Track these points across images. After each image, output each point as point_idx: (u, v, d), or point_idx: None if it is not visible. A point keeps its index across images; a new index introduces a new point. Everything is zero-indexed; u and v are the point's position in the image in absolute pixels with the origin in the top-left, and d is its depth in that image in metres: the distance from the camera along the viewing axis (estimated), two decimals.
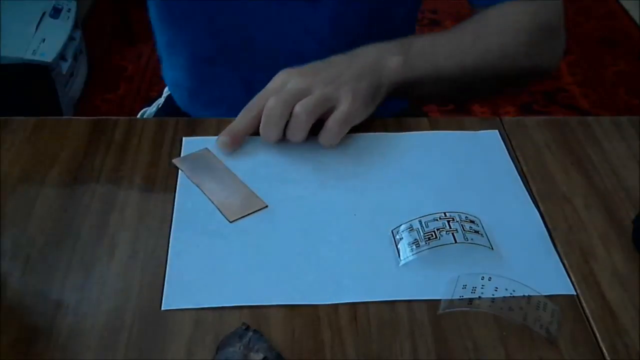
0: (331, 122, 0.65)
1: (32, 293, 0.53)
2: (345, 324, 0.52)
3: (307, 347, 0.50)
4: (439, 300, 0.54)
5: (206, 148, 0.67)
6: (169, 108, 0.94)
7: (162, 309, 0.52)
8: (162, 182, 0.64)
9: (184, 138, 0.69)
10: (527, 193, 0.64)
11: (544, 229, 0.61)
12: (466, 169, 0.67)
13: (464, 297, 0.53)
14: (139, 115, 0.97)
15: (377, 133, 0.71)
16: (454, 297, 0.53)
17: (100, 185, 0.63)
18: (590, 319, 0.53)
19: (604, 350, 0.51)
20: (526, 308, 0.52)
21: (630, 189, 0.65)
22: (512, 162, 0.68)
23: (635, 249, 0.59)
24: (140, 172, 0.65)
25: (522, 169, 0.67)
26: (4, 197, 0.62)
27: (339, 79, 0.66)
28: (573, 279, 0.56)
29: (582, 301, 0.55)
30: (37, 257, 0.56)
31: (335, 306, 0.53)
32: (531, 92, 2.16)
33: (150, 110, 0.96)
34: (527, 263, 0.57)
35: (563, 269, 0.57)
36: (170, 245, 0.57)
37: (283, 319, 0.52)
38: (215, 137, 0.68)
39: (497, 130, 0.72)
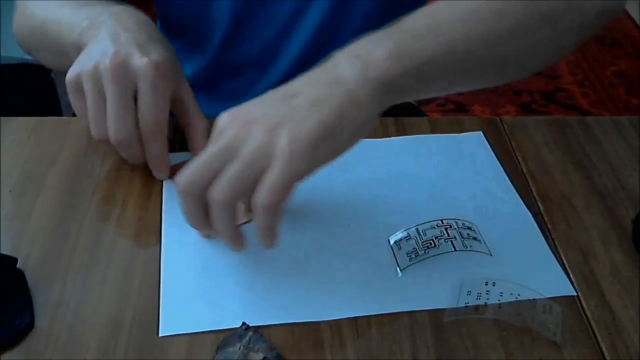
0: (255, 207, 0.48)
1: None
2: (345, 324, 0.52)
3: (307, 347, 0.50)
4: (442, 307, 0.54)
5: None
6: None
7: (160, 335, 0.50)
8: (162, 181, 0.64)
9: None
10: (517, 195, 0.64)
11: (538, 230, 0.61)
12: (455, 173, 0.67)
13: (470, 303, 0.53)
14: None
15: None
16: (459, 305, 0.53)
17: (100, 185, 0.63)
18: (590, 319, 0.53)
19: (604, 350, 0.51)
20: (532, 312, 0.52)
21: (630, 189, 0.65)
22: (499, 164, 0.68)
23: (635, 249, 0.59)
24: (140, 172, 0.65)
25: (522, 169, 0.67)
26: (4, 197, 0.61)
27: (286, 113, 0.49)
28: (573, 279, 0.56)
29: (582, 301, 0.55)
30: (37, 257, 0.56)
31: None
32: (531, 92, 2.16)
33: None
34: (526, 267, 0.57)
35: (562, 270, 0.57)
36: (162, 264, 0.56)
37: None
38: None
39: (480, 132, 0.72)
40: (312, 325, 0.52)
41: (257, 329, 0.50)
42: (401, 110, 0.91)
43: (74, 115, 0.63)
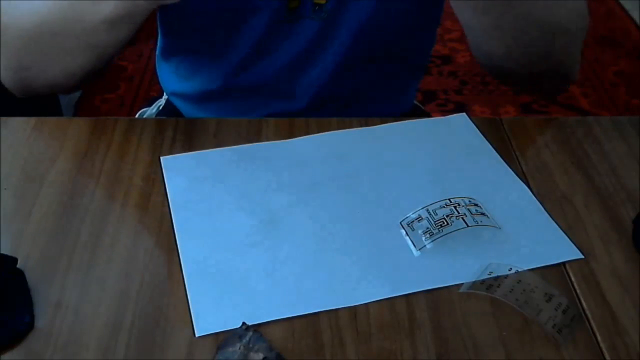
0: None
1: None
2: (345, 324, 0.52)
3: (307, 347, 0.50)
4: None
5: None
6: (170, 110, 0.93)
7: (197, 335, 0.51)
8: (162, 182, 0.64)
9: (162, 158, 0.66)
10: (510, 169, 0.66)
11: (536, 200, 0.63)
12: (447, 154, 0.68)
13: (485, 281, 0.54)
14: (137, 115, 0.97)
15: (351, 129, 0.71)
16: (477, 280, 0.55)
17: (100, 185, 0.63)
18: (590, 319, 0.53)
19: (604, 350, 0.51)
20: (543, 305, 0.53)
21: (630, 189, 0.65)
22: (487, 142, 0.69)
23: (635, 249, 0.59)
24: (140, 172, 0.65)
25: (522, 169, 0.67)
26: (4, 197, 0.62)
27: None
28: (573, 279, 0.56)
29: (582, 301, 0.55)
30: (37, 257, 0.56)
31: None
32: None
33: (151, 111, 0.96)
34: (532, 237, 0.59)
35: (565, 236, 0.59)
36: (183, 267, 0.56)
37: (283, 319, 0.52)
38: (192, 154, 0.67)
39: (464, 114, 0.73)
40: (312, 325, 0.52)
41: (257, 329, 0.50)
42: (405, 110, 0.91)
43: (74, 115, 0.63)
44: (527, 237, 0.59)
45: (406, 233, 0.59)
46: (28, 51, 0.67)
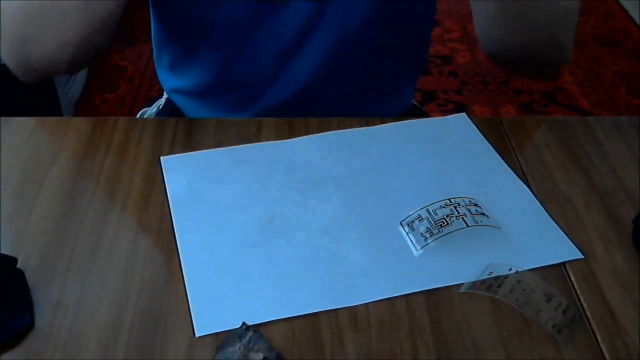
0: None
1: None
2: (345, 324, 0.52)
3: (307, 347, 0.50)
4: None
5: None
6: (171, 109, 0.93)
7: (196, 335, 0.51)
8: (162, 182, 0.64)
9: (161, 158, 0.67)
10: (510, 169, 0.66)
11: (536, 200, 0.63)
12: (447, 153, 0.68)
13: (485, 281, 0.54)
14: (138, 115, 0.97)
15: (351, 129, 0.71)
16: (477, 280, 0.54)
17: (100, 185, 0.63)
18: (590, 318, 0.53)
19: (604, 350, 0.51)
20: (543, 305, 0.53)
21: (630, 189, 0.65)
22: (487, 141, 0.69)
23: (635, 249, 0.59)
24: (140, 172, 0.65)
25: (522, 169, 0.67)
26: (4, 197, 0.62)
27: None
28: (573, 279, 0.56)
29: (582, 301, 0.55)
30: (37, 257, 0.56)
31: None
32: (531, 92, 2.16)
33: (151, 110, 0.96)
34: (532, 237, 0.59)
35: (565, 236, 0.59)
36: (183, 267, 0.56)
37: (283, 319, 0.52)
38: (192, 154, 0.67)
39: (464, 113, 0.73)
40: (312, 325, 0.52)
41: (257, 329, 0.50)
42: (403, 109, 0.91)
43: (74, 115, 0.63)
44: (527, 237, 0.59)
45: (406, 233, 0.59)
46: (28, 22, 0.66)
